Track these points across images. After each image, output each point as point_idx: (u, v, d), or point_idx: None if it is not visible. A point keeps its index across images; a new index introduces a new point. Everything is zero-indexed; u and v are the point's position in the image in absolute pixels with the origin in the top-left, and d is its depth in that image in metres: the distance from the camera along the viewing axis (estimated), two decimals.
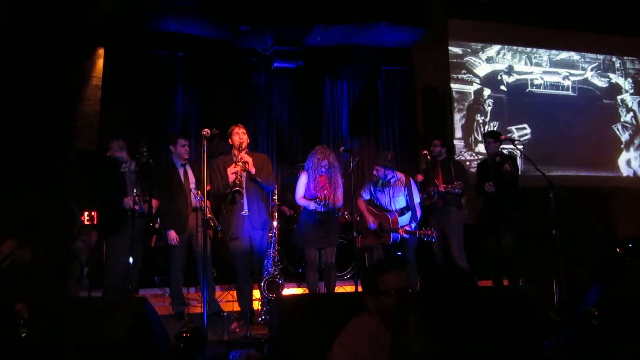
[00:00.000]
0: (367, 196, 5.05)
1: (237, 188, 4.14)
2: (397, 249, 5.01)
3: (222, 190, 4.30)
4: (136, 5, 6.02)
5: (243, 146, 4.35)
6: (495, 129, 7.72)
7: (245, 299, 4.38)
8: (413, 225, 4.78)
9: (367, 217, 4.90)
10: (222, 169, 4.32)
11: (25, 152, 5.38)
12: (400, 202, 4.87)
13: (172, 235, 4.57)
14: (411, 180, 4.95)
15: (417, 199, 4.89)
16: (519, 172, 5.59)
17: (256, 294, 4.70)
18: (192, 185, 4.69)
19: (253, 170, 4.30)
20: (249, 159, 4.30)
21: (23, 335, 2.93)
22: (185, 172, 4.72)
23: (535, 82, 8.22)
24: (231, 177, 4.22)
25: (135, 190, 4.37)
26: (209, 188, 4.37)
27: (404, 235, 4.72)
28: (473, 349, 1.64)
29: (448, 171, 5.16)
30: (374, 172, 4.96)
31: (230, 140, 4.44)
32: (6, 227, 4.48)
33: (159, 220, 4.77)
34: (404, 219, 4.79)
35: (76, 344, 2.74)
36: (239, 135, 4.38)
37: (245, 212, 4.24)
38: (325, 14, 6.44)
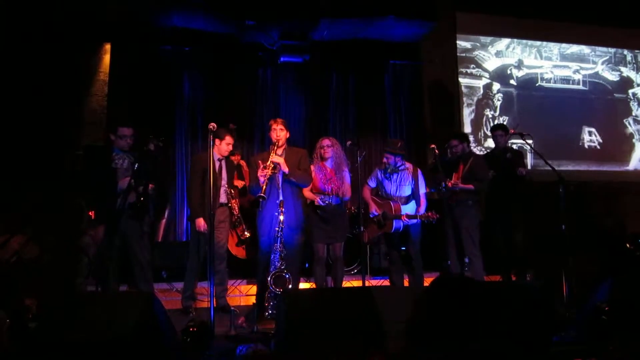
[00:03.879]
0: (373, 184, 5.02)
1: (262, 194, 4.09)
2: (401, 244, 4.97)
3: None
4: (142, 0, 6.01)
5: (280, 143, 4.30)
6: (504, 123, 7.66)
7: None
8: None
9: (370, 205, 4.88)
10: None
11: (33, 148, 5.41)
12: (406, 191, 4.83)
13: (201, 222, 4.50)
14: (419, 170, 4.91)
15: (422, 189, 4.85)
16: (528, 167, 5.53)
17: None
18: (224, 181, 4.68)
19: (287, 170, 4.22)
20: (281, 160, 4.22)
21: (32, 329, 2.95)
22: (221, 167, 4.70)
23: (546, 76, 8.14)
24: (261, 180, 4.15)
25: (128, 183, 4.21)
26: (246, 184, 4.37)
27: (406, 221, 4.67)
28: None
29: (467, 166, 5.07)
30: (384, 160, 4.92)
31: (270, 135, 4.40)
32: (14, 223, 4.50)
33: (166, 212, 4.75)
34: (407, 208, 4.74)
35: (83, 338, 2.75)
36: (276, 132, 4.32)
37: (279, 212, 4.20)
38: (332, 8, 6.40)
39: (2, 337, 2.79)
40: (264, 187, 4.11)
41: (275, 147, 4.27)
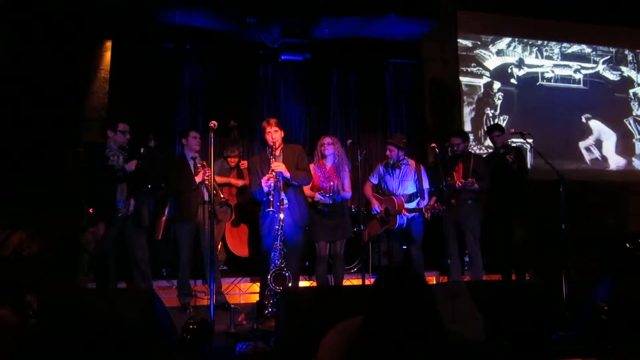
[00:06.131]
0: (375, 180, 5.02)
1: (271, 209, 4.08)
2: (402, 242, 4.96)
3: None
4: None
5: (277, 144, 4.24)
6: (505, 122, 7.65)
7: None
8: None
9: (372, 202, 4.88)
10: (260, 171, 4.26)
11: (34, 145, 5.41)
12: (409, 187, 4.83)
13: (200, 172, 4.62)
14: (421, 166, 4.92)
15: (426, 184, 4.85)
16: (528, 166, 5.52)
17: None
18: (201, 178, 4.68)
19: (289, 176, 4.18)
20: (282, 167, 4.17)
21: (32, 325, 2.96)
22: (195, 166, 4.73)
23: (546, 75, 8.12)
24: (266, 189, 4.15)
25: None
26: (246, 183, 4.42)
27: (408, 215, 4.66)
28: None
29: (467, 165, 5.05)
30: (387, 152, 4.92)
31: (265, 138, 4.34)
32: (15, 220, 4.51)
33: (166, 210, 4.79)
34: (411, 205, 4.74)
35: (84, 334, 2.76)
36: (272, 135, 4.25)
37: (278, 211, 4.17)
38: (333, 5, 6.39)
39: (13, 336, 2.78)
40: (272, 200, 4.09)
41: (274, 151, 4.22)
